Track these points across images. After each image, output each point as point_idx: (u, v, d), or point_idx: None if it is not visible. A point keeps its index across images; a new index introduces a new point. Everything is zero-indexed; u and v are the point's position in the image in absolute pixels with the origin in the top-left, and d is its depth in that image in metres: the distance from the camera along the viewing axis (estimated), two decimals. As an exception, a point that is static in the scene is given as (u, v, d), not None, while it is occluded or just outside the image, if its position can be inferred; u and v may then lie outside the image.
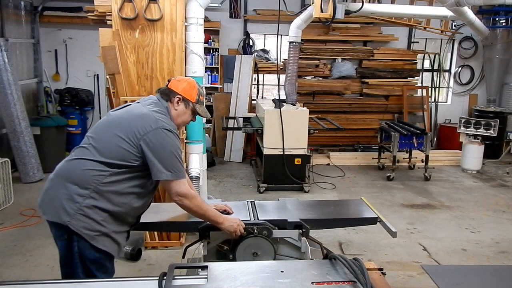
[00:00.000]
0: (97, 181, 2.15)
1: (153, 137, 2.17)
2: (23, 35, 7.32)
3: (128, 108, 2.35)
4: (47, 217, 2.22)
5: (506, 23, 8.10)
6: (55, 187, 2.21)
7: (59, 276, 2.36)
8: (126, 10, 4.15)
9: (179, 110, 2.38)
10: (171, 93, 2.37)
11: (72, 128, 7.87)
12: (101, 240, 2.17)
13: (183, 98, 2.37)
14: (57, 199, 2.17)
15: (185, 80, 2.43)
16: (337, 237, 4.67)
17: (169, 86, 2.40)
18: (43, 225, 4.79)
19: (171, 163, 2.18)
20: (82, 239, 2.14)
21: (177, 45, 4.28)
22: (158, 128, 2.18)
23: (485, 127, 7.23)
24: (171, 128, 2.23)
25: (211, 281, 1.77)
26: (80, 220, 2.12)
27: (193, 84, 2.43)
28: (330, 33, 8.39)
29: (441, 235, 4.85)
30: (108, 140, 2.20)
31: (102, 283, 1.88)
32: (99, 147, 2.20)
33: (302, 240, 2.50)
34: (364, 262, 1.84)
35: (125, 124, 2.21)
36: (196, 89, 2.42)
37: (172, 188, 2.22)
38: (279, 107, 6.08)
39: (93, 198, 2.14)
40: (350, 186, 6.62)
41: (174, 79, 2.45)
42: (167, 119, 2.29)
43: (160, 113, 2.27)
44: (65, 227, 2.13)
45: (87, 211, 2.13)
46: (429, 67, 9.17)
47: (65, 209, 2.13)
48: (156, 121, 2.20)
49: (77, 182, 2.15)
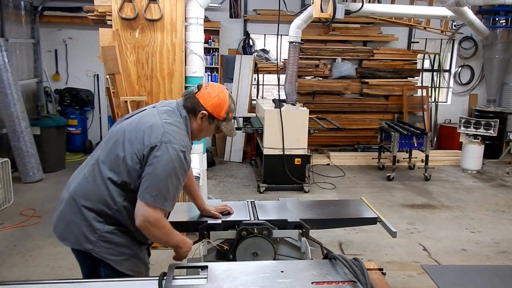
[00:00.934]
0: (113, 209, 2.00)
1: (155, 150, 1.91)
2: (23, 35, 7.32)
3: (140, 115, 2.10)
4: (66, 244, 2.06)
5: (506, 23, 8.10)
6: (71, 211, 2.04)
7: (59, 276, 2.36)
8: (126, 10, 4.15)
9: (202, 125, 2.11)
10: (197, 106, 2.07)
11: (72, 128, 7.88)
12: (127, 265, 2.06)
13: (209, 114, 2.08)
14: (75, 225, 2.01)
15: (218, 93, 2.09)
16: (337, 237, 4.67)
17: (197, 95, 2.08)
18: (43, 225, 4.80)
19: (159, 188, 1.90)
20: (108, 265, 2.02)
21: (177, 45, 4.28)
22: (164, 143, 1.92)
23: (485, 127, 7.23)
24: (179, 146, 1.94)
25: (211, 281, 1.77)
26: (103, 246, 2.00)
27: (225, 99, 2.10)
28: (330, 33, 8.38)
29: (441, 235, 4.85)
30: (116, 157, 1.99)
31: (102, 283, 1.88)
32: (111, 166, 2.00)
33: (302, 240, 2.50)
34: (364, 262, 1.84)
35: (134, 137, 1.98)
36: (226, 106, 2.10)
37: (143, 210, 1.90)
38: (279, 107, 6.08)
39: (112, 223, 2.01)
40: (350, 186, 6.62)
41: (206, 88, 2.10)
42: (180, 134, 2.00)
43: (173, 125, 2.00)
44: (88, 254, 2.01)
45: (109, 236, 2.00)
46: (429, 67, 9.17)
47: (86, 236, 1.99)
48: (164, 134, 1.94)
49: (93, 208, 2.00)
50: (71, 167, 7.15)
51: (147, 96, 4.34)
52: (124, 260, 2.06)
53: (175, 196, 1.99)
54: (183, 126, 2.06)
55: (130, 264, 2.08)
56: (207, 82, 2.16)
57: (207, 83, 2.15)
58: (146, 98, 4.32)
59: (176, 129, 2.00)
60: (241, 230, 2.44)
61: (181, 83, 4.38)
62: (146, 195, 1.90)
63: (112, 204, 2.00)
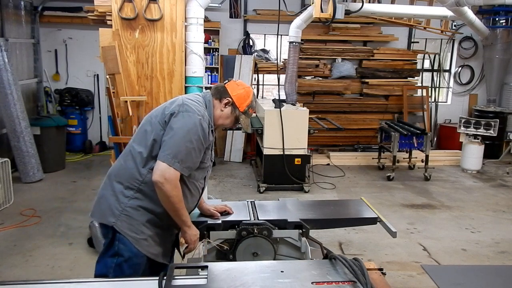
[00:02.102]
0: (138, 180, 2.14)
1: (174, 118, 2.11)
2: (23, 35, 7.32)
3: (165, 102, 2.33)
4: (94, 219, 2.24)
5: (506, 23, 8.11)
6: (105, 186, 2.23)
7: (59, 276, 2.37)
8: (126, 10, 4.15)
9: (224, 112, 2.30)
10: (224, 93, 2.30)
11: (72, 128, 7.88)
12: (145, 245, 2.15)
13: (233, 102, 2.29)
14: (104, 198, 2.19)
15: (244, 87, 2.34)
16: (337, 237, 4.67)
17: (226, 85, 2.33)
18: (43, 225, 4.80)
19: (174, 150, 2.06)
20: (124, 242, 2.13)
21: (177, 45, 4.28)
22: (181, 112, 2.11)
23: (485, 127, 7.23)
24: (194, 114, 2.12)
25: (211, 281, 1.77)
26: (125, 221, 2.12)
27: (249, 94, 2.34)
28: (330, 33, 8.38)
29: (441, 235, 4.85)
30: (142, 132, 2.20)
31: (102, 283, 1.88)
32: (137, 141, 2.20)
33: (302, 240, 2.50)
34: (364, 262, 1.84)
35: (157, 111, 2.22)
36: (249, 100, 2.33)
37: (161, 169, 2.05)
38: (279, 107, 6.08)
39: (138, 198, 2.14)
40: (350, 186, 6.62)
41: (235, 81, 2.37)
42: (197, 106, 2.18)
43: (193, 101, 2.20)
44: (111, 227, 2.13)
45: (131, 212, 2.13)
46: (429, 67, 9.17)
47: (111, 209, 2.14)
48: (182, 105, 2.14)
49: (122, 181, 2.16)
50: (71, 167, 7.16)
51: (147, 96, 4.34)
52: (142, 239, 2.15)
53: (190, 160, 2.12)
54: (203, 104, 2.25)
55: (148, 245, 2.16)
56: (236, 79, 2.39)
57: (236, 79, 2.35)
58: (146, 98, 4.32)
59: (194, 103, 2.19)
60: (241, 230, 2.44)
61: (181, 83, 4.39)
62: (163, 154, 2.07)
63: (138, 176, 2.14)
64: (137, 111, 4.29)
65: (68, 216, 5.06)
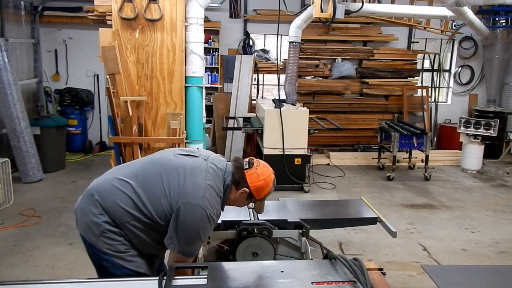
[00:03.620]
0: (120, 219, 2.09)
1: (190, 210, 2.01)
2: (23, 35, 7.32)
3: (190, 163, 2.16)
4: (78, 229, 2.19)
5: (506, 23, 8.10)
6: (87, 201, 2.16)
7: (59, 276, 2.36)
8: (126, 10, 4.16)
9: (238, 199, 2.20)
10: (243, 181, 2.15)
11: (72, 128, 7.88)
12: (130, 260, 2.12)
13: (250, 193, 2.17)
14: (86, 215, 2.13)
15: (265, 178, 2.17)
16: (337, 237, 4.67)
17: (246, 172, 2.15)
18: (43, 225, 4.80)
19: (188, 245, 2.05)
20: (110, 260, 2.10)
21: (177, 45, 4.28)
22: (199, 206, 2.01)
23: (485, 127, 7.23)
24: (212, 213, 2.04)
25: (211, 281, 1.77)
26: (104, 242, 2.09)
27: (269, 183, 2.20)
28: (330, 33, 8.38)
29: (441, 235, 4.85)
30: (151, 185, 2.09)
31: (102, 283, 1.88)
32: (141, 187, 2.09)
33: (302, 240, 2.51)
34: (364, 262, 1.84)
35: (175, 182, 2.07)
36: (268, 190, 2.20)
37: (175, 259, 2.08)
38: (279, 107, 6.08)
39: (115, 226, 2.10)
40: (350, 186, 6.62)
41: (257, 168, 2.17)
42: (216, 201, 2.09)
43: (213, 190, 2.08)
44: (92, 245, 2.12)
45: (109, 234, 2.09)
46: (429, 67, 9.16)
47: (91, 228, 2.10)
48: (202, 198, 2.02)
49: (104, 208, 2.10)
50: (71, 167, 7.16)
51: (147, 96, 4.34)
52: (127, 256, 2.12)
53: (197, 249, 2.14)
54: (221, 193, 2.15)
55: (133, 261, 2.13)
56: (258, 161, 2.23)
57: (258, 162, 2.22)
58: (146, 98, 4.32)
59: (214, 195, 2.09)
60: (241, 230, 2.44)
61: (181, 83, 4.39)
62: (177, 247, 2.04)
63: (122, 217, 2.08)
64: (137, 111, 4.29)
65: (68, 216, 5.05)
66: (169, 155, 2.22)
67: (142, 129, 4.32)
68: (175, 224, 2.03)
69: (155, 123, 4.42)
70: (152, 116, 4.40)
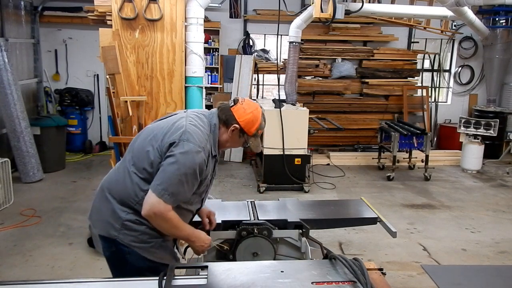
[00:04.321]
0: (134, 200, 2.07)
1: (173, 147, 2.00)
2: (23, 35, 7.32)
3: (169, 118, 2.19)
4: (96, 231, 2.19)
5: (506, 23, 8.10)
6: (100, 199, 2.18)
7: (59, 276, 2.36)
8: (126, 10, 4.16)
9: (231, 137, 2.18)
10: (231, 118, 2.14)
11: (72, 128, 7.88)
12: (152, 252, 2.12)
13: (240, 129, 2.15)
14: (102, 213, 2.14)
15: (252, 110, 2.16)
16: (337, 237, 4.67)
17: (232, 109, 2.15)
18: (43, 225, 4.80)
19: (167, 182, 1.97)
20: (134, 252, 2.09)
21: (177, 45, 4.28)
22: (181, 141, 2.00)
23: (485, 127, 7.23)
24: (195, 146, 2.00)
25: (211, 281, 1.77)
26: (127, 234, 2.08)
27: (258, 116, 2.18)
28: (330, 33, 8.38)
29: (441, 235, 4.85)
30: (141, 151, 2.10)
31: (102, 283, 1.88)
32: (135, 160, 2.11)
33: (302, 240, 2.50)
34: (364, 262, 1.84)
35: (160, 138, 2.07)
36: (258, 123, 2.17)
37: (150, 203, 1.98)
38: (279, 107, 6.08)
39: (134, 214, 2.09)
40: (350, 186, 6.62)
41: (242, 103, 2.17)
42: (199, 135, 2.06)
43: (195, 127, 2.07)
44: (114, 240, 2.10)
45: (130, 225, 2.08)
46: (429, 67, 9.16)
47: (111, 223, 2.10)
48: (183, 133, 2.02)
49: (116, 197, 2.11)
50: (71, 167, 7.16)
51: (147, 96, 4.34)
52: (149, 247, 2.11)
53: (182, 194, 2.04)
54: (207, 130, 2.13)
55: (155, 251, 2.13)
56: (243, 98, 2.23)
57: (243, 99, 2.21)
58: (146, 98, 4.33)
59: (197, 131, 2.07)
60: (241, 230, 2.44)
61: (181, 83, 4.39)
62: (155, 186, 1.99)
63: (134, 196, 2.08)
64: (137, 111, 4.29)
65: (68, 216, 5.06)
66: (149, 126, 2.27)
67: (142, 129, 4.31)
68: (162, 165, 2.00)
69: (155, 123, 4.42)
70: (152, 116, 4.40)
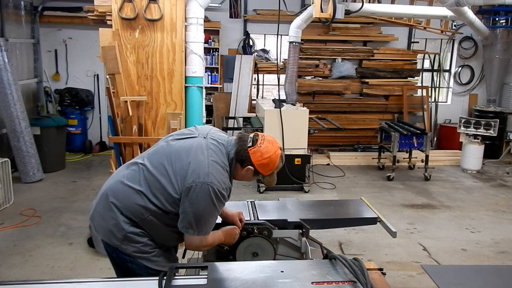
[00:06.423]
0: (142, 217, 2.09)
1: (197, 189, 1.98)
2: (23, 35, 7.31)
3: (189, 144, 2.12)
4: (99, 235, 2.20)
5: (506, 23, 8.10)
6: (104, 206, 2.15)
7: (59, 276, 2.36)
8: (126, 10, 4.16)
9: (245, 175, 2.17)
10: (246, 160, 2.11)
11: (72, 128, 7.88)
12: (154, 260, 2.13)
13: (255, 170, 2.13)
14: (105, 220, 2.13)
15: (270, 155, 2.12)
16: (337, 237, 4.67)
17: (250, 150, 2.10)
18: (43, 225, 4.80)
19: (202, 224, 2.04)
20: (135, 261, 2.11)
21: (177, 45, 4.28)
22: (205, 183, 1.98)
23: (485, 127, 7.23)
24: (219, 188, 2.01)
25: (211, 281, 1.77)
26: (129, 245, 2.10)
27: (275, 161, 2.15)
28: (330, 33, 8.38)
29: (441, 235, 4.85)
30: (157, 177, 2.08)
31: (102, 283, 1.88)
32: (148, 181, 2.09)
33: (302, 240, 2.50)
34: (364, 262, 1.84)
35: (179, 167, 2.05)
36: (274, 166, 2.17)
37: (190, 242, 2.10)
38: (279, 107, 6.08)
39: (137, 227, 2.11)
40: (350, 186, 6.62)
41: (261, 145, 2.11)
42: (222, 175, 2.06)
43: (217, 165, 2.05)
44: (116, 248, 2.12)
45: (133, 237, 2.09)
46: (429, 67, 9.16)
47: (113, 232, 2.10)
48: (208, 175, 1.99)
49: (121, 210, 2.10)
50: (71, 167, 7.16)
51: (147, 96, 4.34)
52: (151, 257, 2.13)
53: (210, 226, 2.11)
54: (226, 165, 2.11)
55: (156, 260, 2.14)
56: (263, 135, 2.17)
57: (263, 137, 2.16)
58: (146, 98, 4.33)
59: (220, 170, 2.05)
60: (241, 230, 2.44)
61: (181, 83, 4.39)
62: (190, 230, 2.05)
63: (140, 214, 2.09)
64: (137, 111, 4.29)
65: (68, 216, 5.06)
66: (169, 142, 2.20)
67: (142, 129, 4.32)
68: (185, 207, 2.02)
69: (155, 123, 4.43)
70: (152, 116, 4.41)
